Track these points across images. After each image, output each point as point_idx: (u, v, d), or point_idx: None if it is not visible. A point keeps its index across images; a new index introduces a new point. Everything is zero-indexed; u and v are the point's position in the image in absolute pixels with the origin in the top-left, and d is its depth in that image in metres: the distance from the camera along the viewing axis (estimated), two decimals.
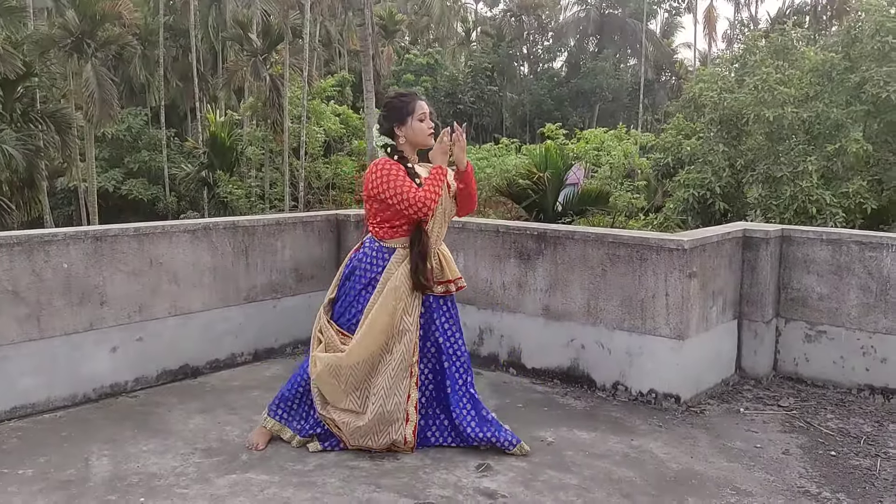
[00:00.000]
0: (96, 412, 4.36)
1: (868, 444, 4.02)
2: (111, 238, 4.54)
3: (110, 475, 3.54)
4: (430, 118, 3.69)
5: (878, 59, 13.67)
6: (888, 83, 13.04)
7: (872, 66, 13.50)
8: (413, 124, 3.66)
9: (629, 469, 3.68)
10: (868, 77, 13.40)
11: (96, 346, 4.51)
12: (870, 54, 13.83)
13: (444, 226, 3.76)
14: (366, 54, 22.92)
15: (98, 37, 24.98)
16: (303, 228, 5.68)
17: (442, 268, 3.74)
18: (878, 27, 13.74)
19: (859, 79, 13.72)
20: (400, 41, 43.48)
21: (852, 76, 14.02)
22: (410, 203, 3.51)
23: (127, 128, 30.06)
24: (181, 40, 33.12)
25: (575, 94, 44.44)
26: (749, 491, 3.47)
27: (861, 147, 13.41)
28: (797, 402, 4.64)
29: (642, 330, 4.54)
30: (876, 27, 13.77)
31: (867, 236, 4.69)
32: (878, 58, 13.69)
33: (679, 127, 17.45)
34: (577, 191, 19.81)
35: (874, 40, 13.67)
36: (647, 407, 4.53)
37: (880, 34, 13.67)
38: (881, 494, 3.46)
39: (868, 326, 4.62)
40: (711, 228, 5.37)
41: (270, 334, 5.48)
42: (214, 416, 4.30)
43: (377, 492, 3.40)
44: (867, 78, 13.42)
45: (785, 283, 4.94)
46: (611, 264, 4.63)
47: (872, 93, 13.22)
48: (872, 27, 13.86)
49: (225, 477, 3.53)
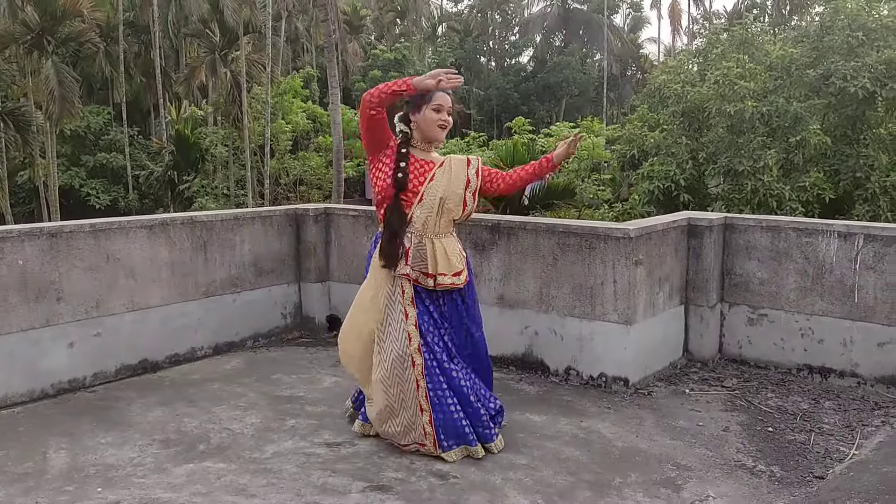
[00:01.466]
0: (54, 407, 4.40)
1: (804, 421, 4.21)
2: (67, 234, 4.58)
3: (68, 467, 3.60)
4: (447, 112, 3.63)
5: (845, 54, 14.05)
6: (854, 77, 13.40)
7: (839, 60, 13.85)
8: (426, 113, 3.61)
9: (577, 449, 3.83)
10: (834, 70, 13.74)
11: (53, 341, 4.55)
12: (838, 48, 14.19)
13: (438, 217, 3.64)
14: (330, 50, 22.87)
15: (59, 33, 24.63)
16: (261, 223, 5.74)
17: (425, 258, 3.62)
18: (851, 22, 14.10)
19: (823, 71, 14.07)
20: (366, 37, 43.36)
21: (810, 71, 14.38)
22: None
23: (87, 126, 29.59)
24: (143, 36, 32.72)
25: (541, 89, 44.70)
26: (689, 466, 3.64)
27: (821, 139, 13.78)
28: (740, 382, 4.83)
29: (592, 316, 4.69)
30: (849, 22, 14.14)
31: (803, 223, 4.89)
32: (846, 52, 14.06)
33: (643, 118, 17.72)
34: (544, 184, 20.01)
35: (844, 33, 14.04)
36: (598, 390, 4.68)
37: (851, 28, 14.04)
38: (812, 466, 3.65)
39: (806, 309, 4.82)
40: (657, 217, 5.55)
41: (231, 328, 5.54)
42: (173, 409, 4.37)
43: (332, 476, 3.50)
44: (833, 70, 13.76)
45: (728, 268, 5.13)
46: (561, 253, 4.78)
47: (839, 86, 13.55)
48: (845, 22, 14.23)
49: (182, 466, 3.61)
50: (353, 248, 5.85)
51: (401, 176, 3.58)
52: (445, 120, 3.63)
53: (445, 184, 3.65)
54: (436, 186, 3.63)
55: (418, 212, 3.61)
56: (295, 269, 5.98)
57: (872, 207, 13.81)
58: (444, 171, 3.69)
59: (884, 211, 13.68)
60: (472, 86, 42.73)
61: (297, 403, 4.47)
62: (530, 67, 48.71)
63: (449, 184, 3.66)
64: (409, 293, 3.65)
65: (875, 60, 13.51)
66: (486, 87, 45.21)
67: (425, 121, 3.61)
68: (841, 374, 4.74)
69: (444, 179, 3.66)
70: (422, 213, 3.61)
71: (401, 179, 3.59)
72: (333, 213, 6.01)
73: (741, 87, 14.38)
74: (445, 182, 3.65)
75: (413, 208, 3.61)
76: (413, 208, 3.61)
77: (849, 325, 4.68)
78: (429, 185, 3.63)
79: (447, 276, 3.64)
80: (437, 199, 3.62)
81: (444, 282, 3.64)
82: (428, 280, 3.63)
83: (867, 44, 14.07)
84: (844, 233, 4.67)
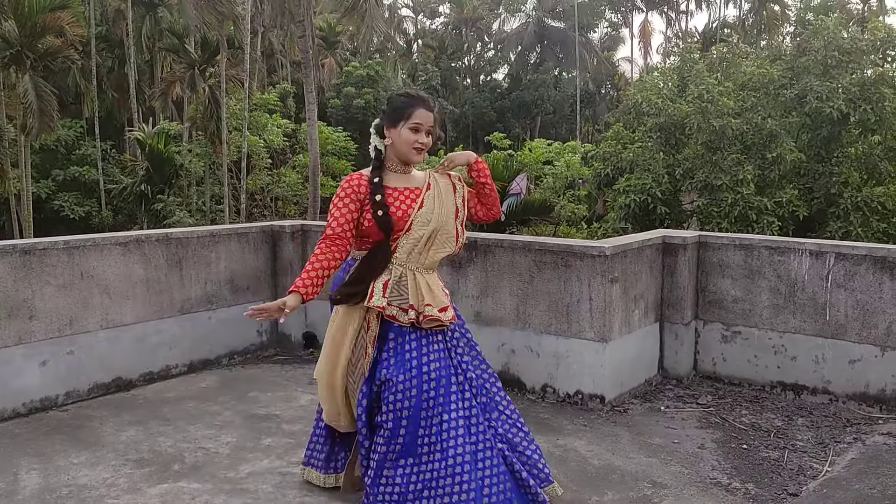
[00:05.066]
0: (26, 426, 4.33)
1: (777, 438, 4.26)
2: (40, 251, 4.53)
3: (40, 488, 3.54)
4: (426, 133, 3.13)
5: (821, 75, 14.36)
6: (829, 98, 13.69)
7: (814, 81, 14.15)
8: (402, 132, 3.11)
9: (554, 467, 3.82)
10: (809, 89, 14.04)
11: (25, 360, 4.48)
12: (813, 69, 14.52)
13: (426, 249, 3.15)
14: (307, 66, 22.92)
15: (37, 48, 24.38)
16: (238, 240, 5.71)
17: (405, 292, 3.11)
18: (827, 43, 14.44)
19: (798, 91, 14.37)
20: (342, 53, 43.44)
21: (787, 91, 14.69)
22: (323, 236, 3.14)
23: (57, 139, 29.23)
24: (116, 51, 32.51)
25: (517, 106, 45.04)
26: (664, 483, 3.66)
27: (796, 156, 14.06)
28: (714, 399, 4.87)
29: (568, 333, 4.72)
30: (825, 43, 14.47)
31: (776, 241, 4.97)
32: (821, 73, 14.38)
33: (618, 136, 17.94)
34: (520, 200, 20.16)
35: (820, 54, 14.38)
36: (574, 407, 4.70)
37: (827, 49, 14.38)
38: (786, 483, 3.69)
39: (779, 326, 4.89)
40: (632, 235, 5.61)
41: (206, 346, 5.50)
42: (147, 428, 4.31)
43: (309, 496, 3.48)
44: (808, 90, 14.06)
45: (703, 286, 5.19)
46: (538, 271, 4.81)
47: (814, 105, 13.83)
48: (821, 42, 14.56)
49: (157, 486, 3.57)
50: None
51: (381, 214, 3.07)
52: (423, 143, 3.13)
53: (438, 213, 3.17)
54: (425, 215, 3.14)
55: (403, 242, 3.12)
56: (271, 286, 5.94)
57: (844, 224, 14.08)
58: (432, 196, 3.19)
59: (855, 227, 13.94)
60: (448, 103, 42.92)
61: (273, 422, 4.44)
62: (505, 84, 49.06)
63: (441, 213, 3.18)
64: (374, 331, 3.14)
65: (849, 82, 13.83)
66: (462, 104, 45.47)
67: (401, 140, 3.12)
68: (813, 391, 4.81)
69: (436, 207, 3.17)
70: (407, 244, 3.12)
71: (383, 219, 3.07)
72: (310, 229, 6.00)
73: (724, 104, 14.65)
74: (438, 211, 3.17)
75: (399, 240, 3.12)
76: (399, 240, 3.12)
77: (821, 342, 4.75)
78: (418, 213, 3.13)
79: (434, 308, 3.11)
80: (428, 230, 3.13)
81: (431, 313, 3.08)
82: (408, 314, 3.09)
83: (842, 65, 14.41)
84: (816, 251, 4.75)
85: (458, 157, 3.31)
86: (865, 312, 4.59)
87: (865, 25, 16.60)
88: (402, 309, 3.10)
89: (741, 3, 44.64)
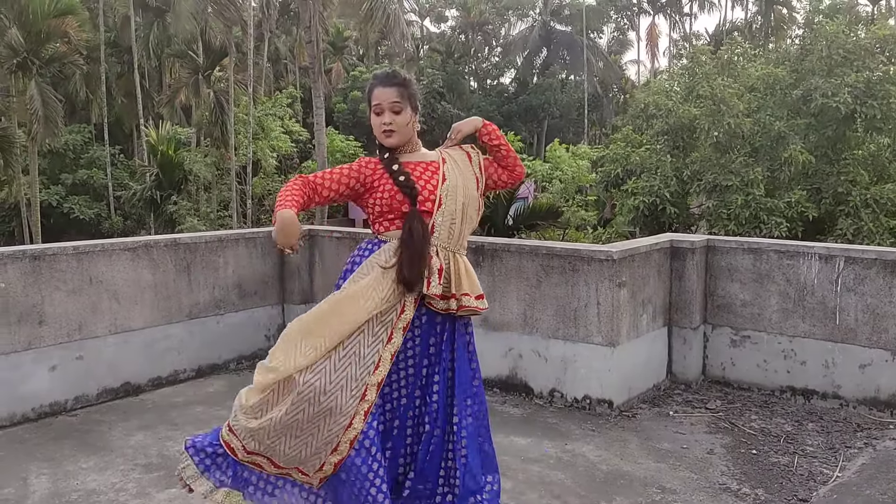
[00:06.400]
0: (35, 431, 4.34)
1: (787, 443, 4.24)
2: (50, 257, 4.55)
3: (49, 493, 3.55)
4: (390, 111, 2.80)
5: (826, 73, 14.38)
6: (835, 95, 13.70)
7: (819, 80, 14.17)
8: (371, 117, 2.87)
9: (562, 472, 3.83)
10: (815, 87, 14.05)
11: (35, 365, 4.50)
12: (818, 69, 14.53)
13: (462, 225, 2.85)
14: (314, 71, 22.96)
15: (43, 55, 24.54)
16: (245, 244, 5.73)
17: (450, 279, 2.79)
18: (830, 43, 14.49)
19: (803, 91, 14.38)
20: (349, 58, 43.55)
21: (794, 91, 14.69)
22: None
23: (64, 143, 29.38)
24: (125, 56, 32.67)
25: (524, 110, 45.00)
26: (673, 489, 3.64)
27: (807, 157, 14.05)
28: (724, 404, 4.85)
29: (576, 338, 4.71)
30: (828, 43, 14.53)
31: (785, 245, 4.95)
32: (825, 73, 14.39)
33: (627, 138, 17.94)
34: (528, 205, 20.14)
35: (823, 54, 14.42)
36: (582, 412, 4.69)
37: (830, 49, 14.42)
38: (797, 489, 3.66)
39: (788, 331, 4.87)
40: (640, 239, 5.60)
41: (214, 350, 5.51)
42: (156, 433, 4.32)
43: None
44: (814, 88, 14.07)
45: (711, 290, 5.17)
46: (545, 275, 4.80)
47: (820, 103, 13.83)
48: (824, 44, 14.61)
49: (165, 491, 3.57)
50: (337, 270, 5.81)
51: (403, 179, 2.78)
52: (386, 123, 2.80)
53: (463, 184, 2.87)
54: (453, 188, 2.84)
55: (440, 219, 2.79)
56: (279, 290, 5.96)
57: (856, 221, 14.01)
58: (451, 168, 2.89)
59: (867, 223, 13.87)
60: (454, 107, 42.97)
61: None
62: (512, 89, 49.07)
63: (465, 184, 2.88)
64: (408, 317, 2.77)
65: (854, 80, 13.83)
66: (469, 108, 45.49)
67: (373, 128, 2.87)
68: (823, 395, 4.78)
69: (459, 179, 2.88)
70: (444, 221, 2.80)
71: (406, 183, 2.78)
72: (317, 234, 6.01)
73: (734, 105, 14.66)
74: (462, 182, 2.87)
75: (434, 216, 2.80)
76: (434, 216, 2.80)
77: (831, 346, 4.72)
78: (443, 186, 2.83)
79: (471, 297, 2.83)
80: (459, 203, 2.84)
81: (468, 304, 2.81)
82: (446, 302, 2.78)
83: (846, 64, 14.41)
84: (825, 255, 4.73)
85: (465, 126, 2.99)
86: (875, 317, 4.56)
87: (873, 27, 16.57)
88: (444, 297, 2.79)
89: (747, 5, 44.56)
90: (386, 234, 2.82)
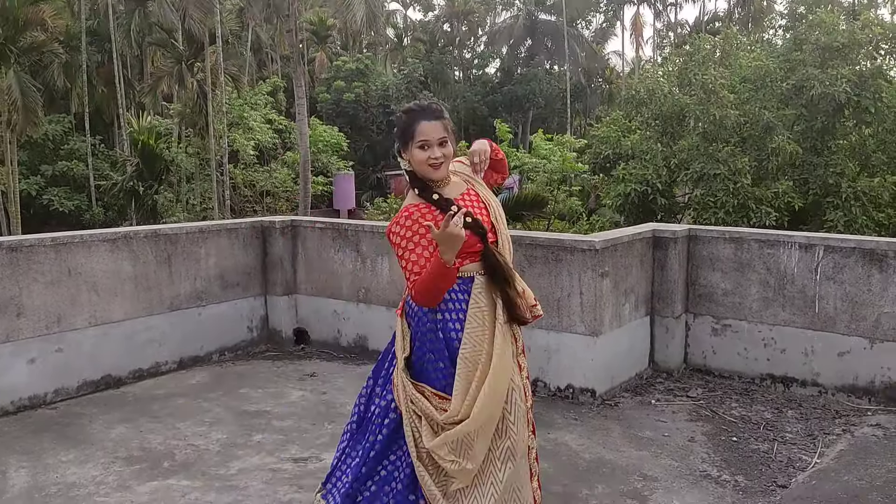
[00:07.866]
0: (14, 424, 4.31)
1: (767, 430, 4.27)
2: (27, 248, 4.50)
3: (28, 486, 3.52)
4: (437, 144, 2.76)
5: (820, 65, 14.50)
6: (832, 84, 13.85)
7: (815, 70, 14.29)
8: (414, 152, 2.79)
9: (545, 461, 3.82)
10: (810, 77, 14.17)
11: (13, 357, 4.46)
12: (811, 61, 14.65)
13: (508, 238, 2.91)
14: (296, 60, 22.82)
15: (21, 43, 24.20)
16: (227, 236, 5.69)
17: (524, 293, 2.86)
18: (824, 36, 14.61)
19: (796, 82, 14.50)
20: (332, 47, 43.28)
21: (786, 83, 14.79)
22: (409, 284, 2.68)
23: (44, 134, 29.02)
24: (106, 45, 32.29)
25: (509, 100, 44.93)
26: (655, 476, 3.67)
27: (794, 148, 14.17)
28: (705, 392, 4.89)
29: (559, 328, 4.72)
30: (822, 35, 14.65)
31: (766, 234, 4.98)
32: (819, 63, 14.51)
33: (617, 121, 17.97)
34: (513, 195, 20.12)
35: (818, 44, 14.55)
36: (566, 401, 4.71)
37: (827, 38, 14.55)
38: (775, 475, 3.70)
39: (768, 319, 4.90)
40: (623, 229, 5.61)
41: (196, 342, 5.48)
42: (137, 425, 4.30)
43: (299, 492, 3.47)
44: (808, 78, 14.19)
45: (693, 279, 5.19)
46: (528, 265, 4.80)
47: (817, 91, 13.94)
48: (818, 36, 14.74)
49: (146, 484, 3.56)
50: (320, 261, 5.82)
51: (470, 221, 2.69)
52: (436, 157, 2.76)
53: (494, 202, 2.92)
54: (496, 210, 2.89)
55: (502, 244, 2.83)
56: (261, 282, 5.93)
57: (846, 213, 14.15)
58: (482, 190, 2.94)
59: (858, 215, 14.01)
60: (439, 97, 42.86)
61: (264, 418, 4.43)
62: (497, 79, 48.99)
63: (494, 200, 2.94)
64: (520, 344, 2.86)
65: (849, 72, 13.99)
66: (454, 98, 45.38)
67: (415, 161, 2.81)
68: (803, 383, 4.82)
69: (491, 198, 2.94)
70: (504, 243, 2.84)
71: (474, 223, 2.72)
72: (300, 225, 5.98)
73: (725, 96, 14.74)
74: (493, 200, 2.93)
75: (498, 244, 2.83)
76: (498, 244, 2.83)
77: (810, 334, 4.76)
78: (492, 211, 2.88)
79: (538, 305, 2.90)
80: (502, 222, 2.88)
81: (540, 312, 2.91)
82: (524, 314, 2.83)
83: (840, 56, 14.56)
84: (805, 244, 4.76)
85: (483, 153, 3.00)
86: (854, 305, 4.60)
87: (858, 18, 16.69)
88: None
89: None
90: (463, 270, 2.74)
